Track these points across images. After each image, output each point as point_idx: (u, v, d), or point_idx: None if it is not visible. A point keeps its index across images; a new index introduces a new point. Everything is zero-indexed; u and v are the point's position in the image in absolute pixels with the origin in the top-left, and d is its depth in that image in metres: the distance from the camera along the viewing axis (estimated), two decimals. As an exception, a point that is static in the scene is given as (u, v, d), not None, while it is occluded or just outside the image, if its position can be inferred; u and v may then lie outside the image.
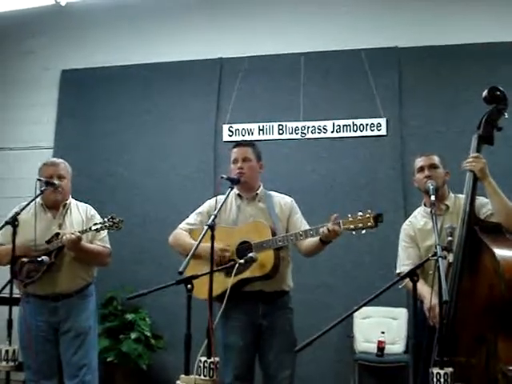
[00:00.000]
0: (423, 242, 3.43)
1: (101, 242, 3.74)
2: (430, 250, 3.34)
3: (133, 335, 5.48)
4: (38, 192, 3.55)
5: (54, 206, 3.74)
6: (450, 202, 3.45)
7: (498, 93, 3.23)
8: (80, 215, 3.77)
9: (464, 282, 2.98)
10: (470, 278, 2.99)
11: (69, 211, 3.78)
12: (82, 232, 3.52)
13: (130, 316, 5.60)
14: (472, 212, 3.13)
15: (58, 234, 3.58)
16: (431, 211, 3.01)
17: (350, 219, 3.11)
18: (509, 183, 3.35)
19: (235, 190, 3.55)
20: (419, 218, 3.53)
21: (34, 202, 3.53)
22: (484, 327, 2.91)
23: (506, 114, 3.24)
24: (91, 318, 3.77)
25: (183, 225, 3.63)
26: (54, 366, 3.68)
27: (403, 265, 3.45)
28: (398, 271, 3.50)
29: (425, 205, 3.54)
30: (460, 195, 3.44)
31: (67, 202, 3.79)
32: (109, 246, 3.79)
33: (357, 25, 5.87)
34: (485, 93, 3.23)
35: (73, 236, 3.46)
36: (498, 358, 2.82)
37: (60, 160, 3.82)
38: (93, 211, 3.84)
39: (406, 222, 3.59)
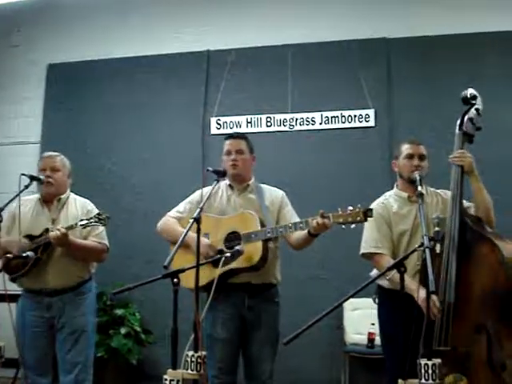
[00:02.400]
0: (397, 226, 3.40)
1: (96, 237, 3.69)
2: (403, 235, 3.37)
3: (122, 330, 5.47)
4: (23, 187, 3.52)
5: (49, 199, 3.73)
6: (424, 191, 3.44)
7: (475, 93, 3.32)
8: (76, 210, 3.73)
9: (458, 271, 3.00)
10: (462, 266, 3.00)
11: (65, 206, 3.74)
12: (68, 228, 3.47)
13: (119, 311, 5.58)
14: (461, 204, 3.18)
15: (47, 230, 3.54)
16: (418, 202, 3.04)
17: (340, 213, 3.09)
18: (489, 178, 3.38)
19: (227, 181, 3.57)
20: (392, 201, 3.50)
21: (19, 196, 3.52)
22: (485, 316, 2.92)
23: (481, 113, 3.34)
24: (88, 315, 3.73)
25: (173, 212, 3.62)
26: (48, 364, 3.64)
27: (376, 246, 3.39)
28: (366, 251, 3.46)
29: (397, 186, 3.55)
30: (430, 188, 3.52)
31: (62, 196, 3.75)
32: (105, 241, 3.74)
33: (345, 16, 5.85)
34: (464, 93, 3.32)
35: (58, 232, 3.42)
36: (501, 346, 2.84)
37: (57, 154, 3.81)
38: (90, 206, 3.79)
39: (378, 202, 3.52)
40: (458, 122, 3.31)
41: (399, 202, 3.46)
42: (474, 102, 3.31)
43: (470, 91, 3.32)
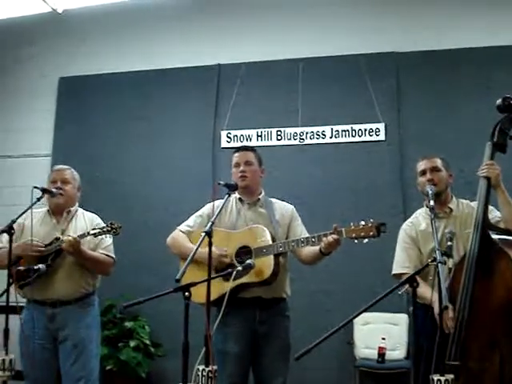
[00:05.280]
0: (425, 244, 3.36)
1: (104, 250, 3.68)
2: (433, 252, 3.31)
3: (132, 343, 5.46)
4: (35, 200, 3.52)
5: (57, 211, 3.73)
6: (454, 206, 3.42)
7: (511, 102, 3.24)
8: (85, 223, 3.73)
9: (476, 285, 2.96)
10: (482, 281, 2.97)
11: (74, 219, 3.75)
12: (81, 236, 3.47)
13: (129, 324, 5.57)
14: (486, 217, 3.11)
15: (58, 239, 3.54)
16: (430, 216, 3.00)
17: (352, 228, 3.06)
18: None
19: (236, 194, 3.53)
20: (421, 219, 3.46)
21: (30, 208, 3.49)
22: (498, 331, 2.89)
23: None
24: (92, 328, 3.69)
25: (183, 226, 3.59)
26: (52, 376, 3.61)
27: (404, 267, 3.37)
28: (395, 272, 3.43)
29: (427, 206, 3.52)
30: (463, 200, 3.45)
31: (72, 208, 3.76)
32: (113, 255, 3.73)
33: (354, 30, 5.87)
34: (499, 101, 3.24)
35: (70, 238, 3.42)
36: None
37: (67, 167, 3.83)
38: (98, 220, 3.78)
39: (407, 222, 3.52)
40: (491, 131, 3.25)
41: (427, 219, 3.37)
42: (509, 110, 3.22)
43: (506, 99, 3.23)
